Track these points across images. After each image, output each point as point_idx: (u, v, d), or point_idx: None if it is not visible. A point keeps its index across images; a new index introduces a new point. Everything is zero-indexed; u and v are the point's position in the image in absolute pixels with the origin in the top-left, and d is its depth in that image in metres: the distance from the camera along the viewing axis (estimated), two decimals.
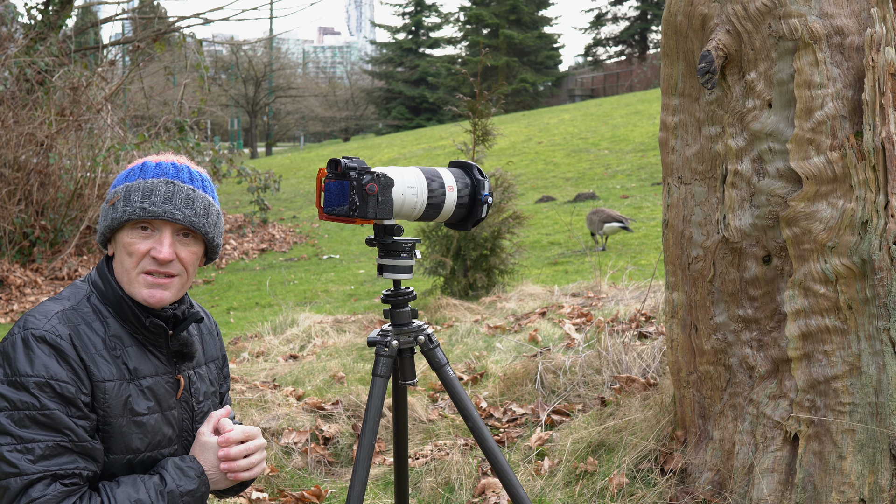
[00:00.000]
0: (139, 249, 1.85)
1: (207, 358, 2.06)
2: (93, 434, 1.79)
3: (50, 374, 1.74)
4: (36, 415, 1.72)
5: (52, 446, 1.73)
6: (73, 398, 1.75)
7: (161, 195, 1.85)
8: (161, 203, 1.85)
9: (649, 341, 4.24)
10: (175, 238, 1.88)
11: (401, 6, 49.00)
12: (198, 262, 1.95)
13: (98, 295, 1.88)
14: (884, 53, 2.51)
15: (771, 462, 2.75)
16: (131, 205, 1.85)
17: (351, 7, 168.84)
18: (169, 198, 1.86)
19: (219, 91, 38.04)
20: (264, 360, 5.35)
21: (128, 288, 1.86)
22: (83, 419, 1.76)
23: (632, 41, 48.55)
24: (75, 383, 1.76)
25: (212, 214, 1.92)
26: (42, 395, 1.73)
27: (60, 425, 1.73)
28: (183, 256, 1.88)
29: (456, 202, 2.13)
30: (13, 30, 12.10)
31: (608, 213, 9.74)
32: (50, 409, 1.73)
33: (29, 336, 1.76)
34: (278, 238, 14.05)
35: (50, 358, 1.75)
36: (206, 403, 2.01)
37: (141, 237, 1.86)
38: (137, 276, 1.85)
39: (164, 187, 1.86)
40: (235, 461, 1.91)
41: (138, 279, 1.85)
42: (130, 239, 1.86)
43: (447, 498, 3.23)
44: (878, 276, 2.52)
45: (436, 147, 23.61)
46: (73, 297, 1.87)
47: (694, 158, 2.93)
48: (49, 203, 10.89)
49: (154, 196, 1.85)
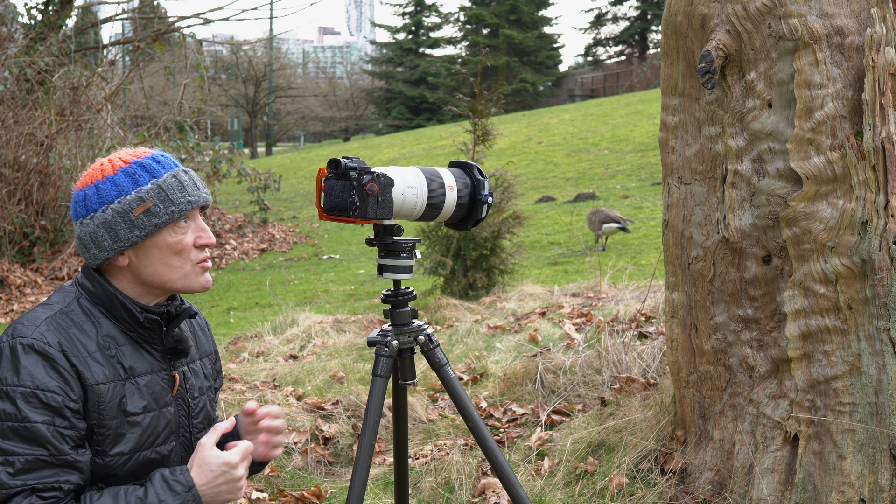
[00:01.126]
0: (188, 243, 1.86)
1: (201, 353, 2.06)
2: (81, 443, 1.76)
3: (36, 383, 1.71)
4: (17, 427, 1.69)
5: (31, 460, 1.70)
6: (59, 407, 1.72)
7: (189, 184, 1.86)
8: (194, 191, 1.86)
9: (649, 341, 4.24)
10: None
11: (401, 6, 49.00)
12: None
13: (87, 296, 1.85)
14: (884, 53, 2.51)
15: (771, 462, 2.75)
16: (176, 203, 1.83)
17: (351, 7, 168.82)
18: (193, 183, 1.87)
19: (219, 91, 38.03)
20: (264, 360, 5.35)
21: (181, 284, 1.87)
22: (70, 429, 1.73)
23: (632, 41, 48.54)
24: (63, 391, 1.72)
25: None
26: (26, 407, 1.70)
27: (42, 439, 1.70)
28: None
29: (456, 202, 2.13)
30: (13, 30, 12.09)
31: (606, 214, 9.74)
32: (31, 421, 1.69)
33: (17, 345, 1.73)
34: (278, 238, 14.05)
35: (37, 366, 1.72)
36: (202, 399, 2.00)
37: (183, 231, 1.86)
38: (194, 267, 1.86)
39: (184, 176, 1.87)
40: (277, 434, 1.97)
41: (195, 270, 1.86)
42: (175, 237, 1.84)
43: (447, 498, 3.23)
44: (878, 276, 2.52)
45: (436, 147, 23.61)
46: (62, 300, 1.84)
47: (694, 158, 2.93)
48: (49, 203, 10.88)
49: (186, 187, 1.86)
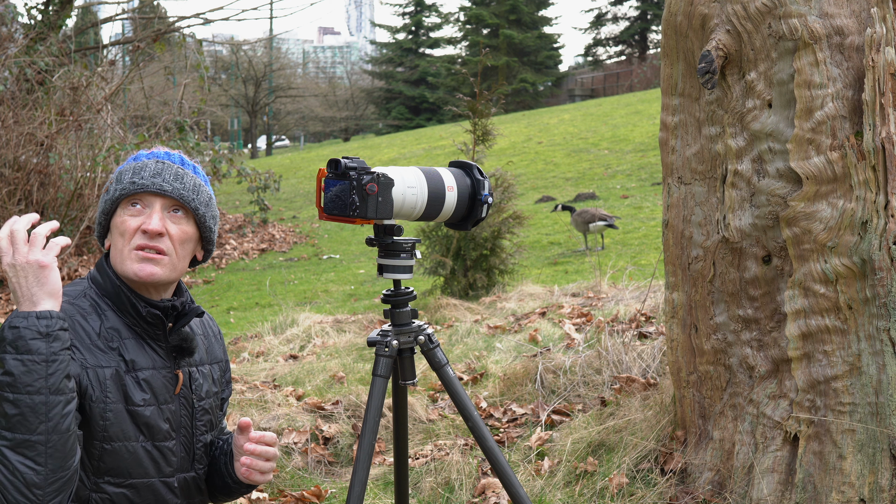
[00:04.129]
0: (130, 226, 1.85)
1: (212, 359, 2.05)
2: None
3: None
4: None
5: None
6: None
7: (150, 170, 1.88)
8: (150, 177, 1.87)
9: (649, 341, 4.24)
10: (165, 214, 1.88)
11: (401, 6, 48.99)
12: (190, 245, 1.92)
13: (96, 288, 1.88)
14: (884, 53, 2.51)
15: (771, 462, 2.75)
16: (122, 182, 1.88)
17: (351, 7, 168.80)
18: (158, 172, 1.88)
19: (219, 91, 38.01)
20: (264, 360, 5.35)
21: (121, 268, 1.86)
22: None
23: (632, 41, 48.54)
24: None
25: (202, 194, 1.92)
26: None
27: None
28: (173, 233, 1.87)
29: (456, 202, 2.13)
30: (13, 30, 12.10)
31: (592, 213, 9.74)
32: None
33: None
34: (278, 238, 14.05)
35: None
36: (208, 402, 2.00)
37: (132, 214, 1.86)
38: (129, 252, 1.85)
39: (153, 165, 1.89)
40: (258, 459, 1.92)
41: (130, 256, 1.85)
42: (122, 218, 1.87)
43: (447, 498, 3.23)
44: (878, 276, 2.52)
45: (436, 147, 23.61)
46: (72, 292, 1.88)
47: (694, 158, 2.93)
48: (49, 203, 10.88)
49: (144, 171, 1.88)
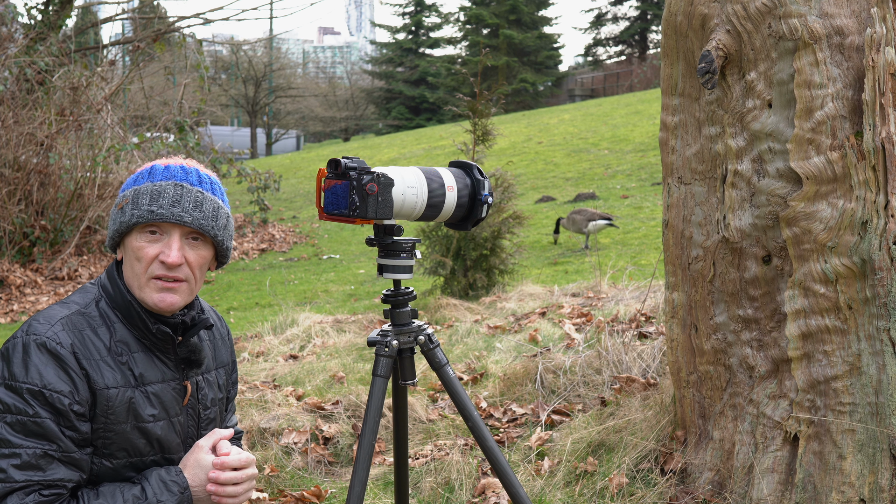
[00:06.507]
0: (148, 254, 1.83)
1: (218, 363, 2.04)
2: (82, 445, 1.77)
3: (43, 382, 1.72)
4: (27, 421, 1.71)
5: (39, 454, 1.71)
6: (64, 409, 1.73)
7: (169, 198, 1.83)
8: (169, 206, 1.82)
9: (649, 341, 4.24)
10: (184, 241, 1.85)
11: (401, 6, 48.99)
12: (206, 267, 1.92)
13: (107, 299, 1.86)
14: (884, 53, 2.51)
15: (771, 462, 2.75)
16: (139, 208, 1.82)
17: (351, 7, 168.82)
18: (177, 200, 1.83)
19: (219, 91, 38.00)
20: (264, 360, 5.35)
21: (138, 293, 1.84)
22: (72, 430, 1.75)
23: (632, 41, 48.54)
24: (70, 394, 1.74)
25: (221, 217, 1.90)
26: (35, 403, 1.71)
27: (51, 434, 1.72)
28: (191, 260, 1.86)
29: (456, 202, 2.13)
30: (13, 30, 12.09)
31: (591, 212, 9.76)
32: (41, 416, 1.71)
33: (31, 342, 1.75)
34: (278, 238, 14.05)
35: (47, 366, 1.73)
36: (213, 410, 1.99)
37: (150, 241, 1.83)
38: (147, 281, 1.83)
39: (172, 190, 1.84)
40: (224, 486, 1.87)
41: (149, 284, 1.83)
42: (139, 243, 1.83)
43: (447, 498, 3.23)
44: (878, 276, 2.52)
45: (436, 147, 23.61)
46: (82, 300, 1.86)
47: (694, 158, 2.93)
48: (49, 203, 10.89)
49: (162, 199, 1.82)
